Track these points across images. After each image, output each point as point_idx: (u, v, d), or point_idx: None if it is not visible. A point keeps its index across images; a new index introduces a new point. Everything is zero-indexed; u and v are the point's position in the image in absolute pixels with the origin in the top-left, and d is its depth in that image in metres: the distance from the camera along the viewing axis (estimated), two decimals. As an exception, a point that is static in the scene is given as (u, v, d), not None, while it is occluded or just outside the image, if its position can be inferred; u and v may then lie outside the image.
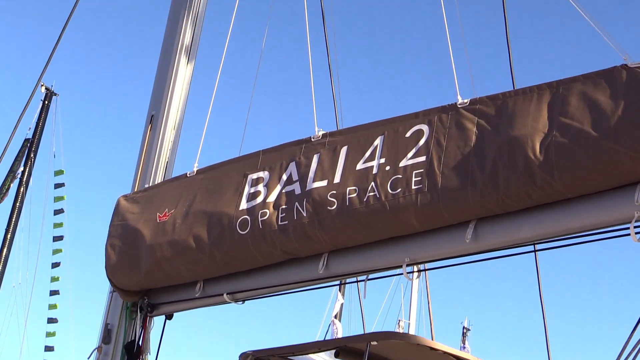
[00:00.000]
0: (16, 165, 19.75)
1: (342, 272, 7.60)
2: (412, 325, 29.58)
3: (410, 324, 29.67)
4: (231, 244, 7.86)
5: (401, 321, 30.29)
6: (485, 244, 6.86)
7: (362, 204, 7.14)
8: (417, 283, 29.78)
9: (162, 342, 8.93)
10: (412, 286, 29.67)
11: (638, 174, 6.06)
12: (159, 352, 8.94)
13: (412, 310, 29.57)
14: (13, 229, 19.47)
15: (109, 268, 8.79)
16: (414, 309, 29.64)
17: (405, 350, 7.49)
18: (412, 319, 29.60)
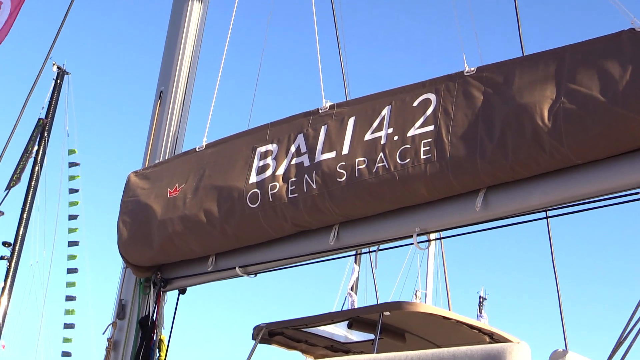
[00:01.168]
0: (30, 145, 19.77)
1: (353, 243, 7.60)
2: (428, 296, 29.61)
3: (427, 294, 29.69)
4: (242, 218, 7.85)
5: (418, 291, 30.27)
6: (495, 212, 6.82)
7: (371, 174, 7.11)
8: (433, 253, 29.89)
9: (175, 316, 8.99)
10: (428, 256, 29.71)
11: None
12: (173, 326, 8.98)
13: (428, 280, 29.58)
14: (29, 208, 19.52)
15: (121, 244, 8.81)
16: (431, 279, 29.65)
17: (418, 320, 7.48)
18: (428, 289, 29.61)
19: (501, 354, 5.25)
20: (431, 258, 29.77)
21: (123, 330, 8.95)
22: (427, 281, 29.67)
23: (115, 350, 8.92)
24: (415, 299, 29.23)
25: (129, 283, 9.11)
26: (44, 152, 20.15)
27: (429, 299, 29.22)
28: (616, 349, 5.11)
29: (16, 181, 19.04)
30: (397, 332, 7.73)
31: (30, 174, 19.70)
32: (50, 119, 20.38)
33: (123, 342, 8.91)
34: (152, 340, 8.78)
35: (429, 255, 29.78)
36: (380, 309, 7.46)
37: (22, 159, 19.41)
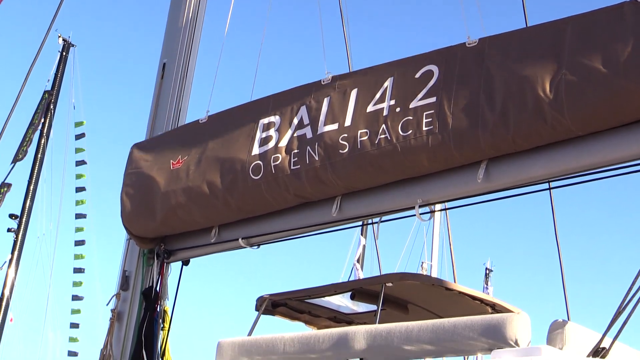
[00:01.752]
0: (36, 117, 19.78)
1: (356, 215, 7.61)
2: (434, 267, 29.67)
3: (433, 266, 29.74)
4: (244, 189, 7.88)
5: (424, 263, 30.36)
6: (497, 184, 6.83)
7: (374, 146, 7.11)
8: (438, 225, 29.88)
9: (179, 287, 9.02)
10: (434, 228, 29.76)
11: None
12: (176, 297, 9.02)
13: (433, 252, 29.65)
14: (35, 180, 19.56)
15: (125, 216, 8.84)
16: (436, 250, 29.71)
17: (420, 291, 7.49)
18: (434, 260, 29.67)
19: (501, 324, 5.27)
20: (436, 230, 29.85)
21: (127, 302, 9.00)
22: (433, 253, 29.74)
23: (119, 321, 8.97)
24: (421, 270, 29.30)
25: (133, 255, 9.15)
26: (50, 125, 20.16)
27: (434, 270, 29.32)
28: (615, 319, 5.13)
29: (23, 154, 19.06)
30: (399, 303, 7.74)
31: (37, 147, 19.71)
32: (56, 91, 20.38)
33: (127, 313, 8.96)
34: (155, 311, 8.82)
35: (435, 227, 29.85)
36: (382, 280, 7.46)
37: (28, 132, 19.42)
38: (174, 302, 8.99)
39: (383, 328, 5.79)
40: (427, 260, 30.38)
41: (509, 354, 4.64)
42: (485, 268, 34.33)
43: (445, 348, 5.55)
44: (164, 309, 8.92)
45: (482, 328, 5.35)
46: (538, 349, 4.56)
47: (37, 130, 19.79)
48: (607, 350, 5.02)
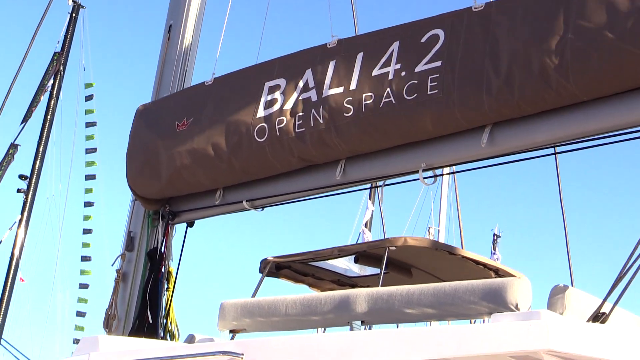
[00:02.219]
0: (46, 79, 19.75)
1: (360, 178, 7.62)
2: (441, 232, 29.72)
3: (440, 231, 29.77)
4: (249, 152, 7.87)
5: (431, 228, 30.35)
6: (501, 148, 6.81)
7: (378, 109, 7.09)
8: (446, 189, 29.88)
9: (184, 249, 9.05)
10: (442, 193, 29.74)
11: None
12: (181, 259, 9.06)
13: (441, 217, 29.63)
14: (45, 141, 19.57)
15: (130, 177, 8.85)
16: (444, 215, 29.71)
17: (423, 255, 7.47)
18: (441, 225, 29.70)
19: (502, 288, 5.26)
20: (444, 195, 29.84)
21: (132, 262, 9.02)
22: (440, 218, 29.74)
23: (124, 282, 8.99)
24: (428, 235, 29.31)
25: (138, 216, 9.16)
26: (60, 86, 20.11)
27: (442, 235, 29.38)
28: (615, 285, 5.12)
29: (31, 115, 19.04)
30: (403, 266, 7.73)
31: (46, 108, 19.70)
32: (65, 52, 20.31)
33: (132, 273, 8.98)
34: (160, 272, 8.85)
35: (443, 192, 29.84)
36: (386, 244, 7.44)
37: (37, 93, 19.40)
38: (178, 264, 9.03)
39: (384, 291, 5.79)
40: (434, 226, 30.33)
41: (508, 318, 4.63)
42: (493, 234, 34.26)
43: (445, 312, 5.55)
44: (168, 270, 8.95)
45: (482, 292, 5.34)
46: (537, 313, 4.54)
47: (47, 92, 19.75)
48: (607, 316, 5.01)
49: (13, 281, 17.05)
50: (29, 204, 17.84)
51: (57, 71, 20.00)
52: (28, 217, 17.61)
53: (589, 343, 4.40)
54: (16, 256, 16.92)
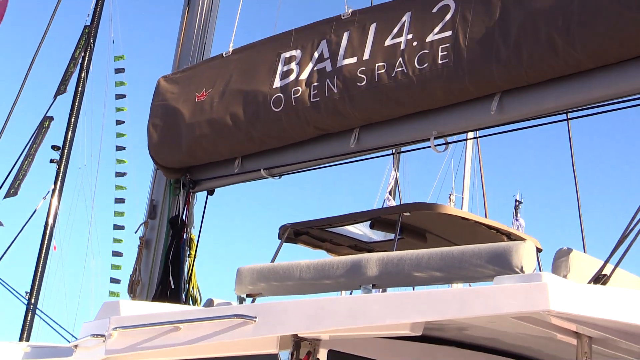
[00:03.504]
0: (77, 52, 19.79)
1: (373, 146, 7.67)
2: (465, 199, 29.63)
3: (464, 198, 29.70)
4: (266, 121, 7.93)
5: (452, 195, 30.28)
6: (510, 116, 6.83)
7: (391, 79, 7.12)
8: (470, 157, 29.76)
9: (204, 216, 9.11)
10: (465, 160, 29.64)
11: None
12: (202, 226, 9.12)
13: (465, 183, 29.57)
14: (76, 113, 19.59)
15: (152, 146, 8.92)
16: (467, 183, 29.65)
17: (437, 221, 7.47)
18: (465, 192, 29.62)
19: (507, 251, 5.27)
20: (468, 162, 29.75)
21: (154, 230, 9.11)
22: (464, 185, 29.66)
23: (147, 249, 9.08)
24: (449, 202, 29.24)
25: (160, 184, 9.24)
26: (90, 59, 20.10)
27: (465, 202, 29.29)
28: (617, 248, 5.12)
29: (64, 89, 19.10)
30: (417, 232, 7.73)
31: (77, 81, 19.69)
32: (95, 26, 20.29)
33: (154, 240, 9.07)
34: (182, 239, 8.92)
35: (466, 159, 29.74)
36: (400, 210, 7.46)
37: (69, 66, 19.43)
38: (199, 230, 9.09)
39: (394, 255, 5.81)
40: (455, 193, 30.25)
41: (511, 280, 4.63)
42: (515, 200, 34.07)
43: (453, 275, 5.56)
44: (190, 237, 9.02)
45: (488, 255, 5.35)
46: (539, 275, 4.54)
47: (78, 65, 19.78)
48: (608, 278, 5.01)
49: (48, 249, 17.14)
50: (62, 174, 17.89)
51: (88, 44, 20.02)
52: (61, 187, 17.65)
53: (589, 304, 4.41)
54: (50, 225, 16.98)
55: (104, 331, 6.19)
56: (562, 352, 5.30)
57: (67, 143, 18.42)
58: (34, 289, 16.27)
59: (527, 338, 5.46)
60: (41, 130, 16.11)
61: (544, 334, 4.85)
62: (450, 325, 5.30)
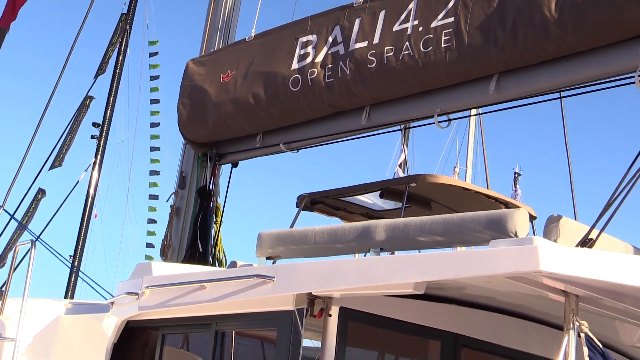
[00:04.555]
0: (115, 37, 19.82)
1: (383, 122, 7.68)
2: (468, 172, 29.56)
3: (467, 170, 29.63)
4: (285, 100, 7.95)
5: (456, 168, 30.22)
6: (507, 94, 6.83)
7: (398, 61, 7.12)
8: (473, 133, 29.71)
9: (229, 186, 9.15)
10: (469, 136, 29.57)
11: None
12: (227, 195, 9.17)
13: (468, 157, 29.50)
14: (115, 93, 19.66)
15: (181, 123, 8.95)
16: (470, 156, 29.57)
17: (441, 191, 7.48)
18: (468, 165, 29.56)
19: (502, 218, 5.28)
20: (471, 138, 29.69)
21: (184, 199, 9.15)
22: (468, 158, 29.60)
23: (177, 216, 9.12)
24: (454, 174, 29.18)
25: (189, 158, 9.27)
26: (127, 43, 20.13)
27: (468, 174, 29.23)
28: (602, 214, 5.12)
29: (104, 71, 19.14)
30: (423, 200, 7.73)
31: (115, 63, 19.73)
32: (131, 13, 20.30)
33: (184, 208, 9.11)
34: (209, 207, 8.96)
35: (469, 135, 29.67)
36: (407, 181, 7.48)
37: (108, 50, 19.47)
38: (224, 199, 9.13)
39: (401, 222, 5.82)
40: (460, 166, 30.18)
41: (505, 243, 4.65)
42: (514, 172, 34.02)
43: (453, 239, 5.57)
44: (216, 205, 9.06)
45: (486, 222, 5.36)
46: (530, 239, 4.55)
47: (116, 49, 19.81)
48: (594, 241, 5.02)
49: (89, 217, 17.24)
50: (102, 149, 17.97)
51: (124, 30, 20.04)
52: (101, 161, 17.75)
53: (577, 265, 4.40)
54: (91, 195, 17.08)
55: (137, 289, 6.25)
56: (551, 309, 5.31)
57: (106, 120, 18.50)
58: (77, 253, 16.40)
59: (519, 296, 5.48)
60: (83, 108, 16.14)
61: (535, 292, 4.85)
62: (450, 284, 5.31)
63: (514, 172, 33.16)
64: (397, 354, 6.39)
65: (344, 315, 5.39)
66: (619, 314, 5.12)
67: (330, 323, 5.35)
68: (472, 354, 5.99)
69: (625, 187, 5.18)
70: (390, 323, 5.64)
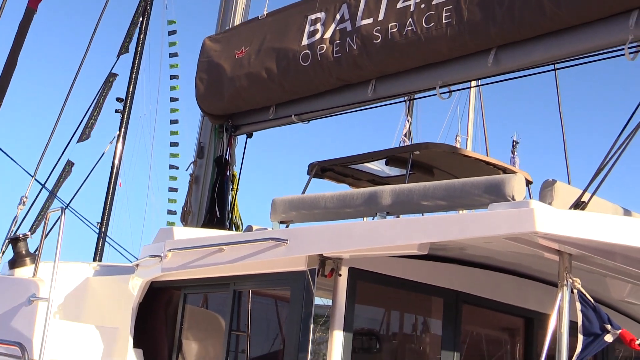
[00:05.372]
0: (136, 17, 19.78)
1: (388, 94, 7.64)
2: (469, 140, 29.50)
3: (468, 139, 29.56)
4: (296, 74, 7.93)
5: (458, 137, 30.09)
6: (504, 67, 6.78)
7: (402, 37, 7.08)
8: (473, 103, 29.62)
9: (244, 156, 9.16)
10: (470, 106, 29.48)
11: (632, 2, 5.85)
12: (242, 164, 9.17)
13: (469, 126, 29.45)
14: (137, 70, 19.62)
15: (199, 97, 8.94)
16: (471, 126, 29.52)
17: (443, 158, 7.48)
18: (469, 134, 29.49)
19: (500, 183, 5.26)
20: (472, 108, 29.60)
21: (202, 167, 9.16)
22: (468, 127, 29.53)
23: (196, 184, 9.14)
24: (456, 143, 29.08)
25: (206, 129, 9.26)
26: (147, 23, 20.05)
27: (469, 143, 29.16)
28: (594, 178, 5.10)
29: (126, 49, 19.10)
30: (426, 167, 7.73)
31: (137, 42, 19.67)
32: (152, -6, 20.17)
33: (202, 177, 9.12)
34: (226, 175, 8.97)
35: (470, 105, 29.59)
36: (411, 149, 7.47)
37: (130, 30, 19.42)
38: (240, 168, 9.14)
39: (405, 187, 5.81)
40: (461, 134, 30.06)
41: (503, 206, 4.64)
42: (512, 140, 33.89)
43: (455, 203, 5.56)
44: (232, 173, 9.06)
45: (485, 186, 5.34)
46: (526, 202, 4.54)
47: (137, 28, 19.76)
48: (586, 204, 5.01)
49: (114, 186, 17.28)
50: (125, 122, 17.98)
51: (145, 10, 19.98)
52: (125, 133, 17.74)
53: (570, 226, 4.40)
54: (116, 165, 17.10)
55: (160, 252, 6.27)
56: (547, 267, 5.31)
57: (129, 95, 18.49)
58: (104, 220, 16.46)
59: (517, 256, 5.48)
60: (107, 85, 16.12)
61: (531, 252, 4.86)
62: (452, 245, 5.32)
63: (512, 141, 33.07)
64: (403, 310, 6.41)
65: (353, 274, 5.40)
66: (609, 271, 5.13)
67: (340, 282, 5.37)
68: (473, 309, 6.01)
69: (615, 154, 5.17)
70: (396, 282, 5.66)
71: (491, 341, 6.85)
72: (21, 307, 6.48)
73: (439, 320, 5.90)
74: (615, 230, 4.46)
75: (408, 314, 6.51)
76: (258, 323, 6.21)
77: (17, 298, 6.57)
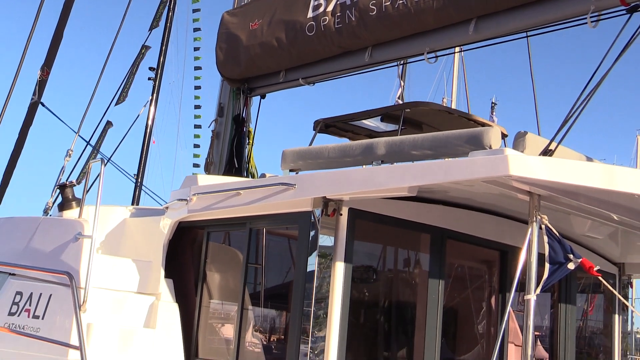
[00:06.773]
0: (165, -3, 19.57)
1: (382, 60, 7.57)
2: (453, 101, 29.43)
3: (452, 100, 29.49)
4: (302, 43, 7.86)
5: (444, 98, 29.99)
6: (484, 35, 6.70)
7: (394, 9, 7.00)
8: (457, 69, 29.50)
9: (259, 114, 9.13)
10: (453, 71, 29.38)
11: None
12: (257, 121, 9.15)
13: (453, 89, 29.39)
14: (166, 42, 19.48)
15: (219, 64, 8.89)
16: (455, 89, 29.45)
17: (431, 115, 7.44)
18: (453, 96, 29.44)
19: (480, 134, 5.26)
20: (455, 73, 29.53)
21: (222, 125, 9.12)
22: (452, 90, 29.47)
23: (217, 139, 9.11)
24: (443, 103, 28.96)
25: (225, 91, 9.21)
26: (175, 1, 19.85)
27: (453, 104, 29.10)
28: (561, 128, 5.07)
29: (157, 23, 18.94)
30: (416, 124, 7.70)
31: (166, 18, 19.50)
32: (179, -24, 19.92)
33: (222, 133, 9.09)
34: (242, 131, 8.94)
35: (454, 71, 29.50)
36: (402, 107, 7.44)
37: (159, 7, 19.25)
38: (255, 125, 9.11)
39: (397, 139, 5.80)
40: (447, 97, 29.96)
41: (481, 154, 4.62)
42: (491, 102, 33.82)
43: (440, 152, 5.55)
44: (248, 130, 9.03)
45: (466, 137, 5.34)
46: (501, 150, 4.53)
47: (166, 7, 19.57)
48: (553, 151, 4.98)
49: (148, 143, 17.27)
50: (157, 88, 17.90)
51: (172, -9, 19.76)
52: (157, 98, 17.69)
53: (539, 170, 4.41)
54: (149, 125, 17.07)
55: (186, 196, 6.28)
56: (519, 207, 5.31)
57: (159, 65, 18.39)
58: (139, 171, 16.48)
59: (493, 197, 5.48)
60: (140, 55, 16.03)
61: (506, 193, 4.85)
62: (437, 188, 5.31)
63: (491, 102, 33.00)
64: (395, 245, 6.42)
65: (353, 214, 5.41)
66: (573, 210, 5.12)
67: (341, 221, 5.37)
68: (456, 244, 6.03)
69: (579, 108, 5.13)
70: (389, 220, 5.66)
71: (472, 271, 6.87)
72: (69, 243, 6.52)
73: (427, 253, 5.91)
74: (578, 174, 4.45)
75: (400, 249, 6.53)
76: (271, 257, 6.24)
77: (65, 236, 6.61)
